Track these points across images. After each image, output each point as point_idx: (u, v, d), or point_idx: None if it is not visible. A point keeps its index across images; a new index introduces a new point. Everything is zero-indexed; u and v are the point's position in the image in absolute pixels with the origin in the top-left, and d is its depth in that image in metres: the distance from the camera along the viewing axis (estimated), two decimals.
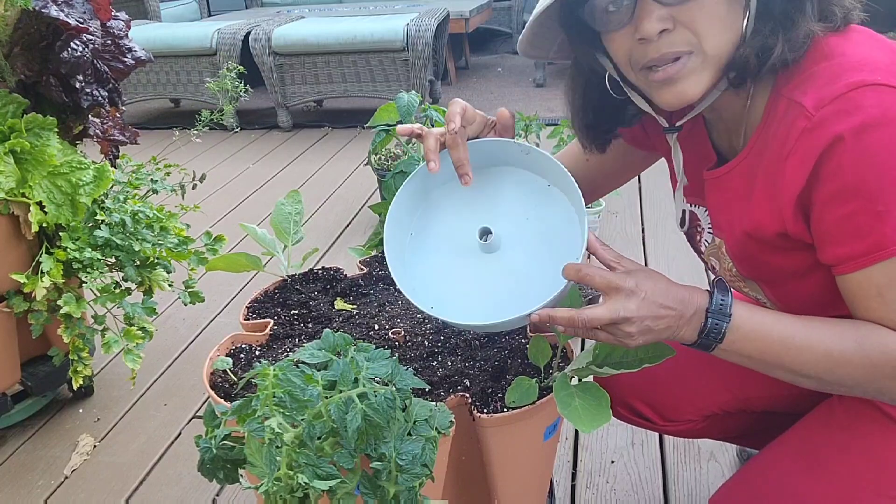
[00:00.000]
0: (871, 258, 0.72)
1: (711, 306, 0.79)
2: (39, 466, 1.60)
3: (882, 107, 0.69)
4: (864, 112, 0.69)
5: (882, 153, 0.69)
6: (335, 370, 0.80)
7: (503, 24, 5.79)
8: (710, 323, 0.78)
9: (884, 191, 0.70)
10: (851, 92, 0.70)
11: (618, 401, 1.15)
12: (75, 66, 1.44)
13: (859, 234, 0.72)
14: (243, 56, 3.98)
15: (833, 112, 0.71)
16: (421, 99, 1.50)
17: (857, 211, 0.72)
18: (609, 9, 0.79)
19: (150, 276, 1.54)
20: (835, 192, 0.72)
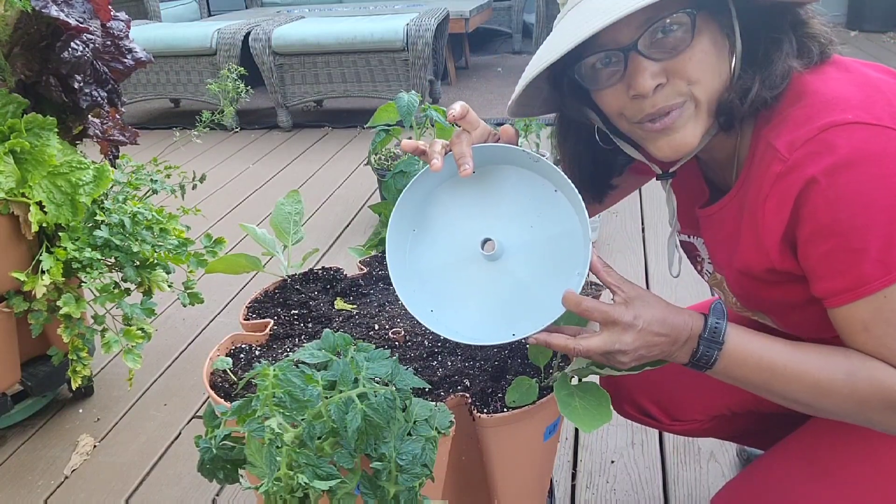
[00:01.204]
0: (853, 294, 0.73)
1: (705, 333, 0.80)
2: (39, 466, 1.60)
3: (852, 146, 0.70)
4: (836, 153, 0.70)
5: (854, 192, 0.70)
6: (335, 370, 0.80)
7: (503, 24, 5.79)
8: (702, 349, 0.79)
9: (857, 229, 0.71)
10: (822, 134, 0.71)
11: (625, 399, 1.15)
12: (75, 67, 1.44)
13: (840, 271, 0.73)
14: (243, 56, 3.98)
15: (805, 154, 0.72)
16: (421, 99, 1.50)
17: (835, 249, 0.73)
18: (600, 67, 0.79)
19: (149, 277, 1.54)
20: (813, 232, 0.73)
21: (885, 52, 4.95)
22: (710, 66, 0.76)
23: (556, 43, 0.77)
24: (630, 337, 0.79)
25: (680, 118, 0.78)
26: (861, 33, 5.66)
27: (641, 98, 0.77)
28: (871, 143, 0.70)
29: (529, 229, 0.90)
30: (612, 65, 0.78)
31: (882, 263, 0.71)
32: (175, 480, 1.54)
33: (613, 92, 0.80)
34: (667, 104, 0.77)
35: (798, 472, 0.90)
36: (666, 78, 0.76)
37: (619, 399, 1.15)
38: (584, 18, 0.74)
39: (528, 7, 5.78)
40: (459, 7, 4.65)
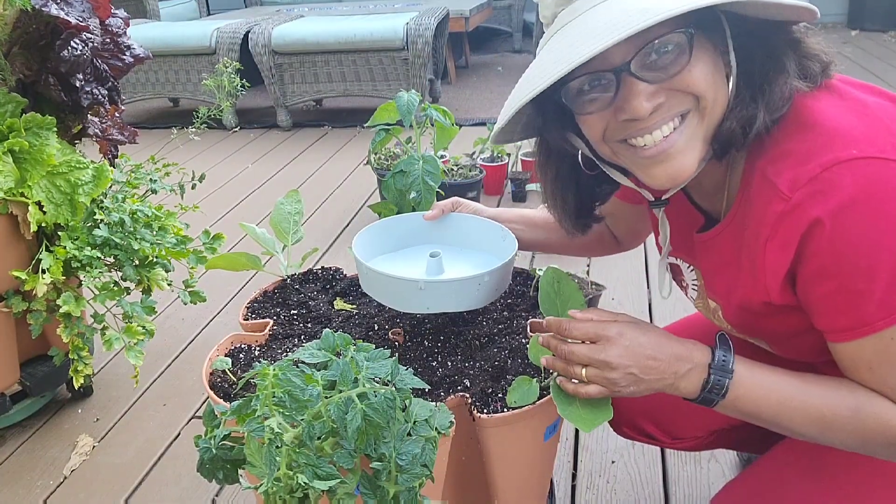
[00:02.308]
0: (855, 333, 0.73)
1: (714, 362, 0.79)
2: (39, 466, 1.60)
3: (857, 184, 0.68)
4: (840, 193, 0.68)
5: (859, 233, 0.68)
6: (335, 370, 0.80)
7: (503, 23, 5.79)
8: (714, 379, 0.78)
9: (861, 270, 0.69)
10: (825, 172, 0.69)
11: (624, 421, 1.14)
12: (75, 65, 1.44)
13: (842, 311, 0.73)
14: (243, 55, 3.98)
15: (809, 194, 0.69)
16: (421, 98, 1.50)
17: (838, 289, 0.71)
18: (588, 90, 0.75)
19: (148, 276, 1.53)
20: (816, 272, 0.72)
21: (886, 52, 4.95)
22: (714, 80, 0.74)
23: (543, 69, 0.72)
24: (616, 351, 0.79)
25: (679, 141, 0.74)
26: (862, 32, 5.66)
27: (634, 121, 0.74)
28: (876, 179, 0.68)
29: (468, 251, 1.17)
30: (603, 86, 0.74)
31: (885, 304, 0.70)
32: (175, 480, 1.54)
33: (600, 116, 0.76)
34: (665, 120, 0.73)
35: (797, 472, 0.90)
36: (665, 96, 0.73)
37: (619, 422, 1.14)
38: (572, 42, 0.70)
39: (528, 6, 5.78)
40: (459, 6, 4.65)
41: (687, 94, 0.73)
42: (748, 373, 0.79)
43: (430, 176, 1.33)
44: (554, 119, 0.85)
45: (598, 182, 0.93)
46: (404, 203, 1.34)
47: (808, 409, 0.77)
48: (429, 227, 1.17)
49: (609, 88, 0.73)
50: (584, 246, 1.20)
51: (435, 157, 1.36)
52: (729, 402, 0.79)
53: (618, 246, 1.20)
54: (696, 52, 0.71)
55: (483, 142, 2.86)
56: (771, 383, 0.79)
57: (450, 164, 2.76)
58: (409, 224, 1.18)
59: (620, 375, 0.79)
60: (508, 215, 1.15)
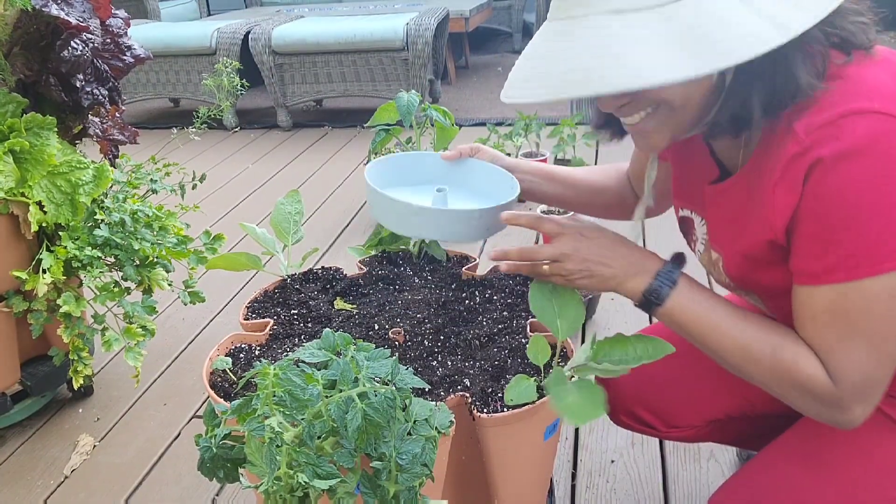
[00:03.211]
0: (815, 279, 0.74)
1: (661, 270, 0.86)
2: (39, 466, 1.60)
3: (866, 136, 0.68)
4: (847, 139, 0.68)
5: (851, 182, 0.69)
6: (335, 369, 0.80)
7: (503, 23, 5.79)
8: (656, 284, 0.85)
9: (840, 218, 0.70)
10: (841, 119, 0.69)
11: (621, 409, 1.14)
12: (76, 65, 1.44)
13: (812, 255, 0.74)
14: (243, 55, 3.98)
15: (820, 138, 0.70)
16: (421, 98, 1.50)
17: (816, 233, 0.73)
18: None
19: (149, 276, 1.54)
20: (807, 211, 0.73)
21: None
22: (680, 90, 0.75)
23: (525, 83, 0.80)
24: (573, 243, 0.89)
25: (649, 125, 0.80)
26: None
27: None
28: (886, 136, 0.68)
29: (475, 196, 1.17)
30: None
31: (850, 258, 0.71)
32: (175, 480, 1.54)
33: None
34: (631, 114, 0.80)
35: (794, 468, 0.90)
36: (629, 98, 0.77)
37: (615, 409, 1.15)
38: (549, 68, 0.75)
39: (528, 6, 5.78)
40: (459, 6, 4.65)
41: (647, 101, 0.77)
42: (690, 290, 0.85)
43: None
44: None
45: None
46: None
47: (736, 337, 0.81)
48: (444, 168, 1.19)
49: None
50: (604, 207, 1.20)
51: None
52: (666, 309, 0.85)
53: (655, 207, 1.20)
54: None
55: (483, 142, 2.86)
56: (709, 305, 0.84)
57: None
58: (425, 162, 1.21)
59: (576, 266, 0.88)
60: (528, 167, 1.16)
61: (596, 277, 0.88)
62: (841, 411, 0.77)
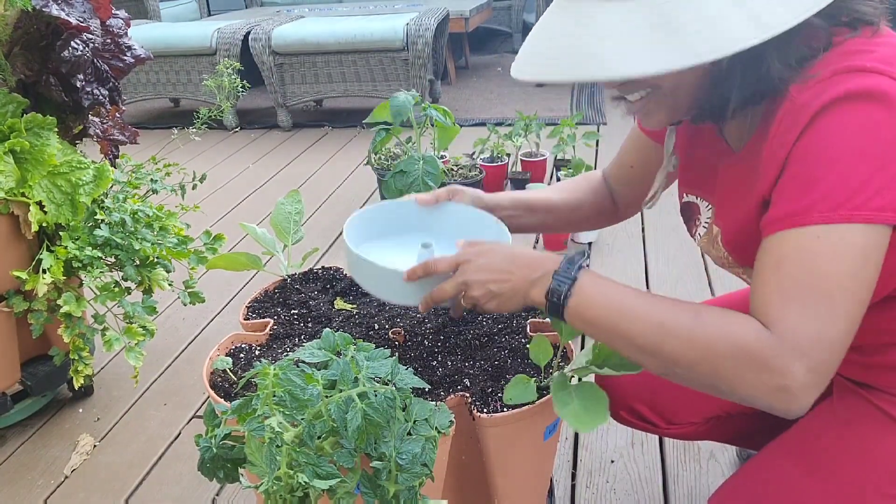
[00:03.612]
0: (789, 221, 0.70)
1: (559, 269, 0.82)
2: (39, 466, 1.60)
3: (856, 86, 0.68)
4: (838, 89, 0.68)
5: (842, 124, 0.68)
6: (335, 369, 0.80)
7: (503, 23, 5.79)
8: (554, 283, 0.81)
9: (821, 160, 0.68)
10: (832, 77, 0.70)
11: (620, 404, 1.15)
12: (76, 65, 1.44)
13: (789, 197, 0.71)
14: (243, 55, 3.98)
15: (811, 95, 0.70)
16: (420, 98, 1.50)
17: (797, 174, 0.70)
18: None
19: (149, 276, 1.54)
20: (794, 157, 0.71)
21: None
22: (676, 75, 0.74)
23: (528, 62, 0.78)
24: (471, 269, 0.86)
25: (648, 105, 0.81)
26: None
27: None
28: (877, 87, 0.67)
29: None
30: None
31: (829, 200, 0.68)
32: (175, 480, 1.54)
33: None
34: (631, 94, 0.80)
35: (793, 467, 0.90)
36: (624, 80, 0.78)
37: (615, 405, 1.15)
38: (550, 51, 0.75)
39: (528, 6, 5.78)
40: (459, 6, 4.65)
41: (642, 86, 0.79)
42: (591, 280, 0.81)
43: (430, 176, 1.33)
44: None
45: None
46: None
47: (650, 316, 0.75)
48: (424, 216, 1.13)
49: None
50: (583, 221, 1.21)
51: (435, 158, 1.37)
52: (571, 309, 0.80)
53: (616, 214, 1.20)
54: None
55: (483, 142, 2.86)
56: (615, 292, 0.79)
57: (450, 165, 2.76)
58: (403, 211, 1.14)
59: (479, 292, 0.86)
60: (506, 202, 1.15)
61: (501, 296, 0.85)
62: (780, 374, 0.67)
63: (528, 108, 3.66)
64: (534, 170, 2.93)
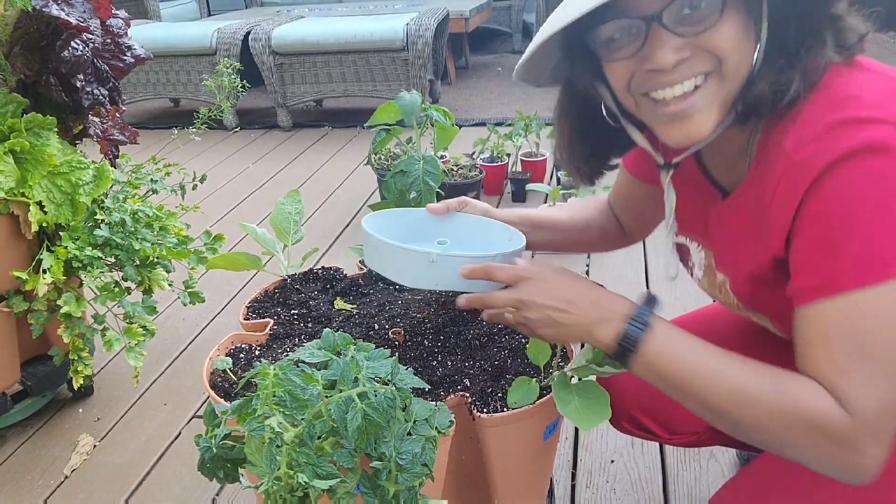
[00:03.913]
0: (822, 291, 0.69)
1: (633, 313, 0.78)
2: (39, 466, 1.60)
3: (858, 140, 0.67)
4: (840, 148, 0.67)
5: (849, 185, 0.67)
6: (335, 369, 0.80)
7: (503, 23, 5.79)
8: (627, 328, 0.77)
9: (843, 224, 0.68)
10: (829, 132, 0.69)
11: (622, 415, 1.14)
12: (76, 66, 1.44)
13: (816, 265, 0.70)
14: (243, 56, 3.98)
15: (811, 153, 0.69)
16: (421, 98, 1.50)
17: (817, 240, 0.70)
18: (617, 35, 0.75)
19: (149, 276, 1.54)
20: (804, 220, 0.71)
21: (886, 52, 4.95)
22: (740, 45, 0.73)
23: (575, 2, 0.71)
24: (531, 289, 0.81)
25: (699, 101, 0.74)
26: None
27: (658, 73, 0.73)
28: (879, 137, 0.67)
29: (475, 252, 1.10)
30: (632, 35, 0.74)
31: (859, 262, 0.67)
32: (175, 480, 1.54)
33: (627, 64, 0.76)
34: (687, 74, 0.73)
35: (795, 469, 0.90)
36: (690, 51, 0.72)
37: (617, 416, 1.15)
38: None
39: (528, 7, 5.78)
40: (459, 6, 4.65)
41: (711, 55, 0.73)
42: (666, 330, 0.77)
43: (431, 176, 1.33)
44: (582, 65, 0.85)
45: (617, 134, 0.93)
46: (405, 203, 1.34)
47: (727, 377, 0.73)
48: (434, 224, 1.14)
49: (638, 37, 0.74)
50: (590, 243, 1.20)
51: (435, 158, 1.36)
52: (643, 357, 0.77)
53: (624, 237, 1.20)
54: (728, 12, 0.72)
55: (483, 142, 2.86)
56: (690, 346, 0.76)
57: (450, 165, 2.76)
58: (416, 218, 1.14)
59: (537, 315, 0.81)
60: (515, 218, 1.15)
61: (560, 326, 0.81)
62: (855, 452, 0.68)
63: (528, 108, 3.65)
64: (534, 170, 2.93)
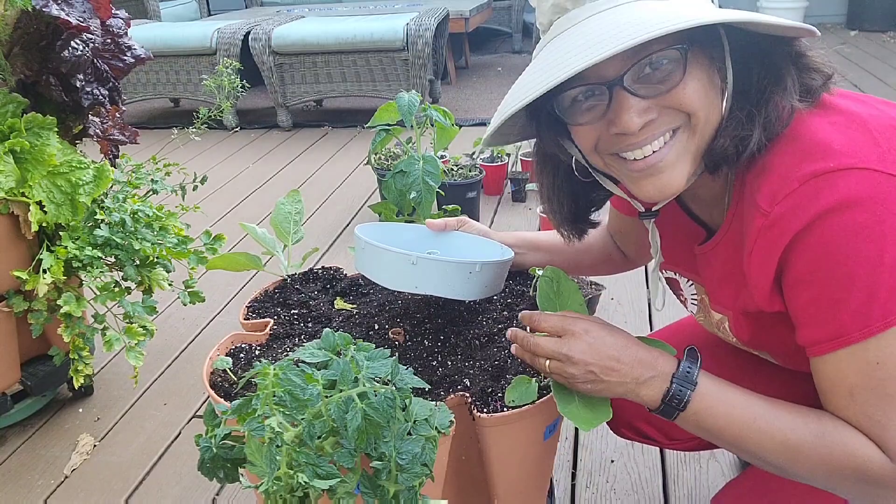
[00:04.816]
0: (831, 345, 0.71)
1: (678, 372, 0.79)
2: (39, 466, 1.60)
3: (834, 195, 0.67)
4: (817, 204, 0.68)
5: (835, 241, 0.68)
6: (335, 369, 0.80)
7: (503, 23, 5.79)
8: (675, 388, 0.78)
9: (838, 279, 0.69)
10: (803, 186, 0.69)
11: (622, 423, 1.14)
12: (76, 65, 1.44)
13: (820, 321, 0.71)
14: (243, 55, 3.98)
15: (787, 209, 0.70)
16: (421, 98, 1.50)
17: (817, 299, 0.71)
18: (581, 100, 0.75)
19: (149, 276, 1.54)
20: (797, 280, 0.72)
21: (885, 52, 4.96)
22: (707, 96, 0.73)
23: (536, 77, 0.72)
24: (579, 346, 0.80)
25: (669, 155, 0.74)
26: (861, 33, 5.66)
27: (625, 135, 0.74)
28: (853, 188, 0.67)
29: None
30: (595, 99, 0.74)
31: (861, 314, 0.69)
32: (175, 480, 1.54)
33: (592, 128, 0.76)
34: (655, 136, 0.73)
35: None
36: (656, 112, 0.73)
37: (617, 423, 1.15)
38: (567, 51, 0.69)
39: (527, 7, 5.78)
40: (459, 7, 4.65)
41: (679, 112, 0.73)
42: (713, 387, 0.78)
43: (430, 176, 1.33)
44: (548, 127, 0.85)
45: (592, 188, 0.93)
46: (404, 203, 1.34)
47: (773, 431, 0.75)
48: (430, 239, 1.16)
49: (602, 101, 0.73)
50: (591, 266, 1.21)
51: (435, 158, 1.36)
52: (690, 415, 0.78)
53: (627, 263, 1.20)
54: (691, 68, 0.71)
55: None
56: (735, 401, 0.77)
57: (450, 165, 2.76)
58: (410, 230, 1.17)
59: (580, 371, 0.80)
60: (512, 240, 1.15)
61: (603, 383, 0.81)
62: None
63: None
64: (532, 170, 2.92)
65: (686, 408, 0.78)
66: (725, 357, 1.04)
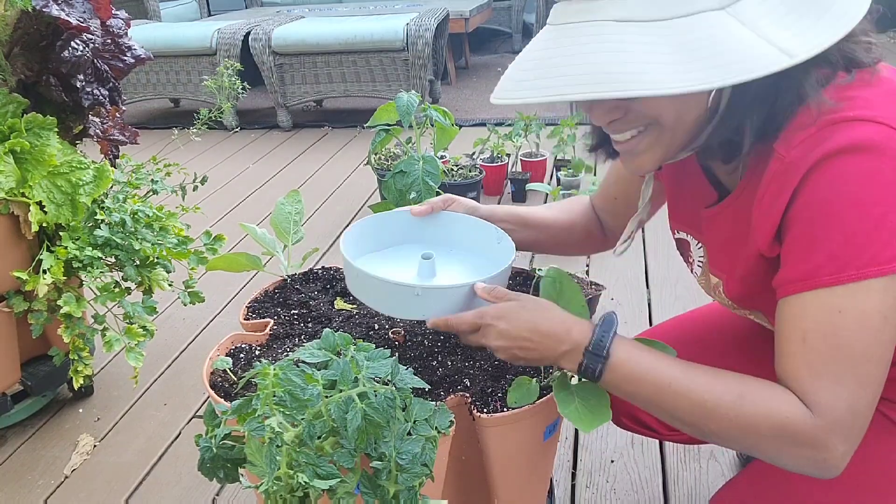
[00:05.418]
0: (800, 285, 0.70)
1: (590, 346, 0.81)
2: (39, 466, 1.60)
3: (847, 138, 0.67)
4: (829, 144, 0.68)
5: (833, 180, 0.67)
6: (335, 369, 0.80)
7: (503, 23, 5.79)
8: (587, 360, 0.81)
9: (822, 217, 0.68)
10: (820, 131, 0.69)
11: (622, 412, 1.15)
12: (76, 66, 1.44)
13: (797, 258, 0.71)
14: (243, 56, 3.99)
15: (802, 152, 0.69)
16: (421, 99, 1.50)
17: (800, 235, 0.70)
18: None
19: (149, 276, 1.54)
20: (792, 218, 0.71)
21: (886, 52, 4.95)
22: (676, 102, 0.73)
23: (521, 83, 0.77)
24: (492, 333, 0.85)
25: (639, 145, 0.78)
26: None
27: None
28: (867, 135, 0.67)
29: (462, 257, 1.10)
30: None
31: (835, 258, 0.67)
32: (175, 480, 1.54)
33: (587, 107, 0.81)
34: (622, 131, 0.78)
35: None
36: (621, 113, 0.76)
37: (617, 412, 1.15)
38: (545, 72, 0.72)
39: (528, 7, 5.78)
40: (459, 7, 4.65)
41: (644, 115, 0.75)
42: (628, 355, 0.80)
43: (430, 176, 1.33)
44: None
45: None
46: (404, 203, 1.34)
47: (690, 394, 0.75)
48: (420, 225, 1.12)
49: None
50: (573, 244, 1.21)
51: (435, 158, 1.37)
52: (608, 381, 0.82)
53: (604, 240, 1.20)
54: None
55: (483, 142, 2.86)
56: (651, 367, 0.79)
57: (450, 165, 2.76)
58: (399, 221, 1.12)
59: (505, 355, 0.86)
60: (501, 213, 1.14)
61: (528, 359, 0.86)
62: (824, 450, 0.70)
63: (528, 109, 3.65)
64: (534, 170, 2.93)
65: (601, 377, 0.81)
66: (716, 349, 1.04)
